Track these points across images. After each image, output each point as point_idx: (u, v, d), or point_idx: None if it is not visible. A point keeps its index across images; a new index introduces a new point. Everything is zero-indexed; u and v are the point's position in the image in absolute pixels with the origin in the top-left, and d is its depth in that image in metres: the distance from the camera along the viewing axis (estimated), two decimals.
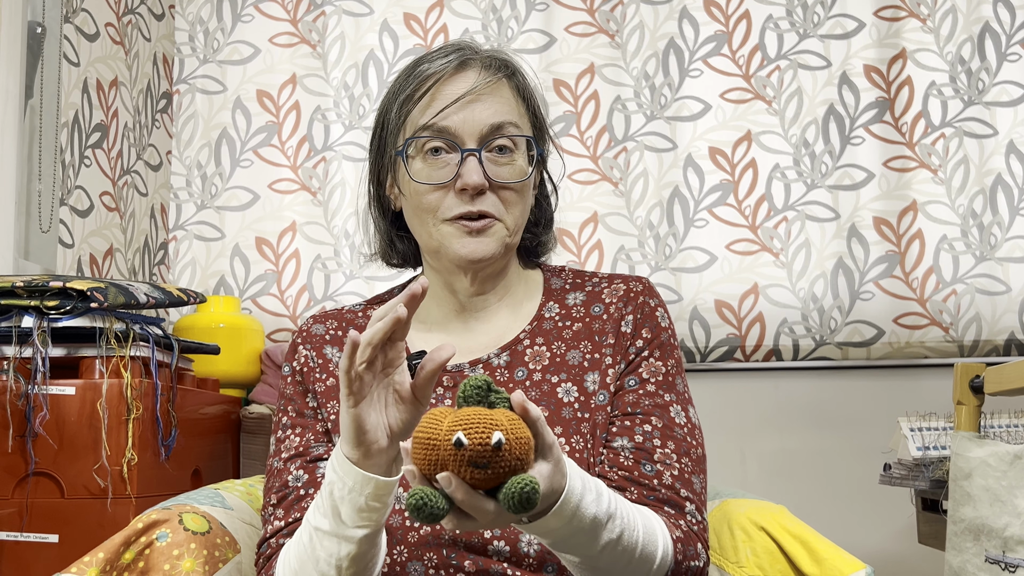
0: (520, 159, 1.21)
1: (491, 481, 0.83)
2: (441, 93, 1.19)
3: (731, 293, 2.54)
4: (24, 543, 1.63)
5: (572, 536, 0.98)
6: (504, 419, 0.83)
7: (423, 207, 1.20)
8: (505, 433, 0.82)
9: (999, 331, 2.47)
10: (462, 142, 1.18)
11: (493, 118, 1.18)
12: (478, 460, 0.81)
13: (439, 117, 1.18)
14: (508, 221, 1.20)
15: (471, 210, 1.17)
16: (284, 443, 1.22)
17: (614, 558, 1.03)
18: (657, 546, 1.07)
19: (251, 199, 2.64)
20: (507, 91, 1.22)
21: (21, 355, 1.65)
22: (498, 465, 0.82)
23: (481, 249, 1.19)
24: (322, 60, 2.67)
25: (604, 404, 1.20)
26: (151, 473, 1.70)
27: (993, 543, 1.57)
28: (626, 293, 1.26)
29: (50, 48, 2.13)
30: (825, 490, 2.47)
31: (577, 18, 2.65)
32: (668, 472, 1.15)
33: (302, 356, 1.26)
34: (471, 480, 0.82)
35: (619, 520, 1.02)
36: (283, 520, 1.17)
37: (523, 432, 0.84)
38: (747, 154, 2.58)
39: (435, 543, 1.14)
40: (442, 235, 1.19)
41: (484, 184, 1.17)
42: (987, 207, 2.51)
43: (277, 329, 2.59)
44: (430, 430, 0.83)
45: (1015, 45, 2.55)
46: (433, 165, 1.19)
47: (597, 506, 0.98)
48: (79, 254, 2.20)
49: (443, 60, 1.21)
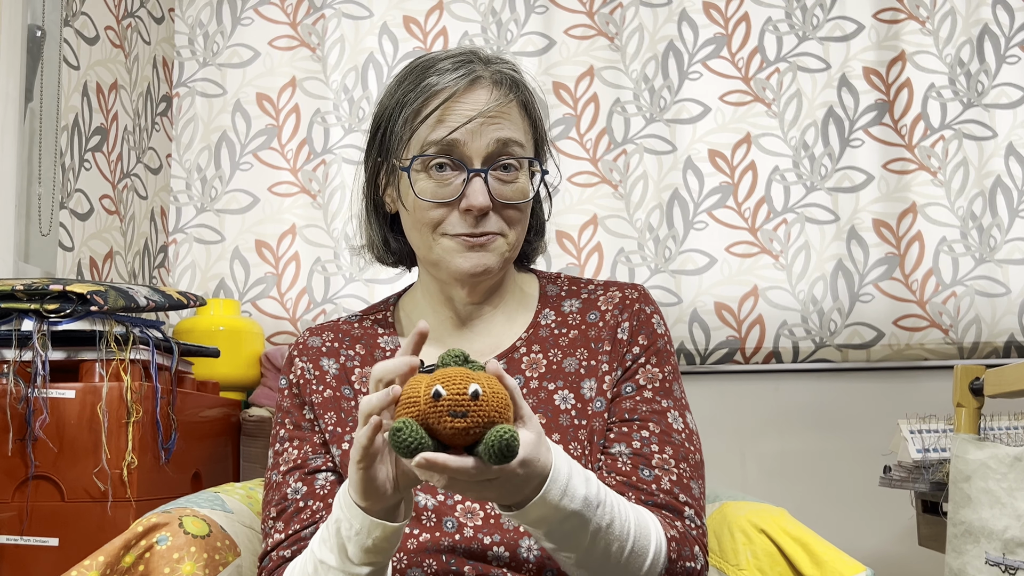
0: (523, 177, 1.21)
1: (470, 434, 0.85)
2: (451, 112, 1.18)
3: (731, 295, 2.54)
4: (24, 547, 1.63)
5: (565, 520, 0.97)
6: (482, 377, 0.86)
7: (424, 222, 1.19)
8: (482, 386, 0.85)
9: (999, 333, 2.47)
10: (469, 162, 1.17)
11: (499, 133, 1.18)
12: (456, 409, 0.84)
13: (449, 137, 1.17)
14: (511, 237, 1.21)
15: (475, 231, 1.18)
16: (282, 456, 1.22)
17: (608, 549, 1.02)
18: (650, 540, 1.07)
19: (251, 202, 2.65)
20: (515, 111, 1.21)
21: (21, 358, 1.65)
22: (476, 414, 0.84)
23: (483, 262, 1.19)
24: (322, 63, 2.67)
25: (601, 411, 1.20)
26: (151, 476, 1.70)
27: (993, 545, 1.57)
28: (622, 300, 1.26)
29: (50, 51, 2.13)
30: (825, 492, 2.47)
31: (576, 21, 2.65)
32: (666, 477, 1.15)
33: (298, 369, 1.26)
34: (450, 430, 0.84)
35: (609, 508, 1.02)
36: (283, 533, 1.17)
37: (500, 389, 0.87)
38: (747, 156, 2.58)
39: (435, 549, 1.14)
40: (443, 249, 1.19)
41: (489, 206, 1.17)
42: (987, 209, 2.51)
43: (277, 332, 2.59)
44: (411, 390, 0.86)
45: (1014, 47, 2.56)
46: (439, 182, 1.18)
47: (586, 488, 0.99)
48: (79, 257, 2.20)
49: (453, 76, 1.19)
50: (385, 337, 1.29)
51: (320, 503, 1.18)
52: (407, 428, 0.84)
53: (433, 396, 0.84)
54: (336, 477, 1.20)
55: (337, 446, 1.20)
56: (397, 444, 0.84)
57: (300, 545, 1.15)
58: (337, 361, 1.26)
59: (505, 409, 0.87)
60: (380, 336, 1.29)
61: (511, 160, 1.19)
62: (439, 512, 1.15)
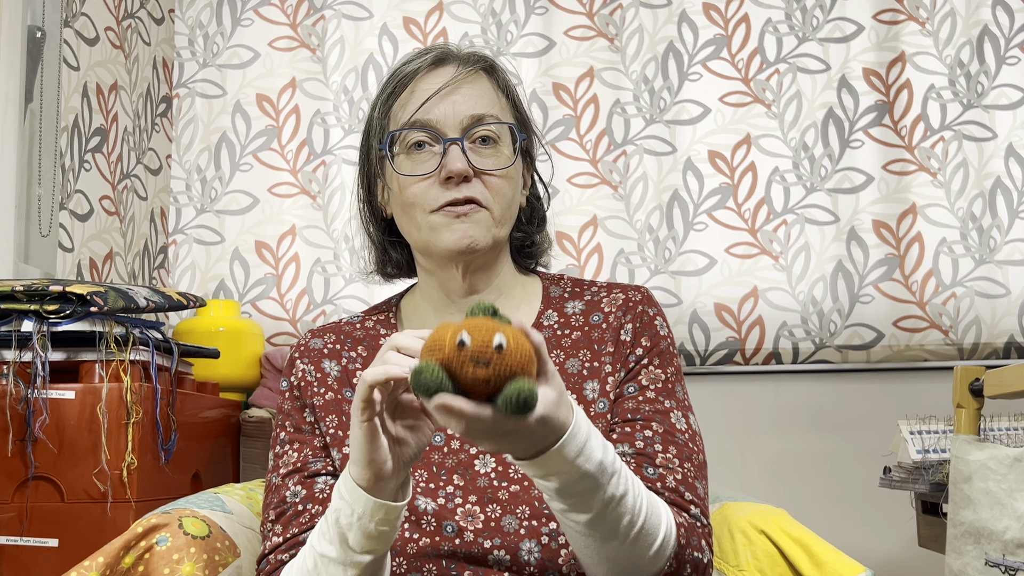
0: (504, 149, 1.21)
1: (492, 384, 0.84)
2: (420, 88, 1.21)
3: (731, 296, 2.54)
4: (24, 547, 1.63)
5: (579, 480, 0.96)
6: (508, 330, 0.86)
7: (410, 201, 1.20)
8: (508, 339, 0.85)
9: (999, 334, 2.47)
10: (444, 133, 1.19)
11: (474, 109, 1.20)
12: (479, 357, 0.84)
13: (420, 111, 1.19)
14: (495, 210, 1.20)
15: (457, 196, 1.18)
16: (282, 459, 1.21)
17: (618, 521, 1.00)
18: (660, 521, 1.06)
19: (251, 203, 2.65)
20: (486, 83, 1.23)
21: (21, 359, 1.65)
22: (499, 365, 0.84)
23: (469, 233, 1.18)
24: (322, 64, 2.67)
25: (604, 412, 1.19)
26: (151, 477, 1.70)
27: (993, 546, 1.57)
28: (625, 302, 1.26)
29: (50, 52, 2.13)
30: (825, 493, 2.47)
31: (576, 22, 2.65)
32: (671, 476, 1.15)
33: (299, 371, 1.25)
34: (472, 378, 0.84)
35: (624, 480, 1.01)
36: (281, 536, 1.16)
37: (525, 344, 0.87)
38: (746, 157, 2.58)
39: (434, 554, 1.13)
40: (431, 226, 1.19)
41: (468, 171, 1.18)
42: (986, 210, 2.51)
43: (277, 333, 2.59)
44: (437, 336, 0.86)
45: (1014, 48, 2.56)
46: (417, 159, 1.20)
47: (604, 453, 0.98)
48: (79, 258, 2.20)
49: (419, 60, 1.24)
50: (387, 338, 1.29)
51: (319, 507, 1.17)
52: (428, 369, 0.84)
53: (458, 344, 0.84)
54: (336, 481, 1.19)
55: (338, 449, 1.20)
56: (418, 384, 0.84)
57: (298, 549, 1.14)
58: (339, 363, 1.26)
59: (528, 364, 0.86)
60: (383, 337, 1.29)
61: (488, 131, 1.20)
62: (439, 516, 1.14)
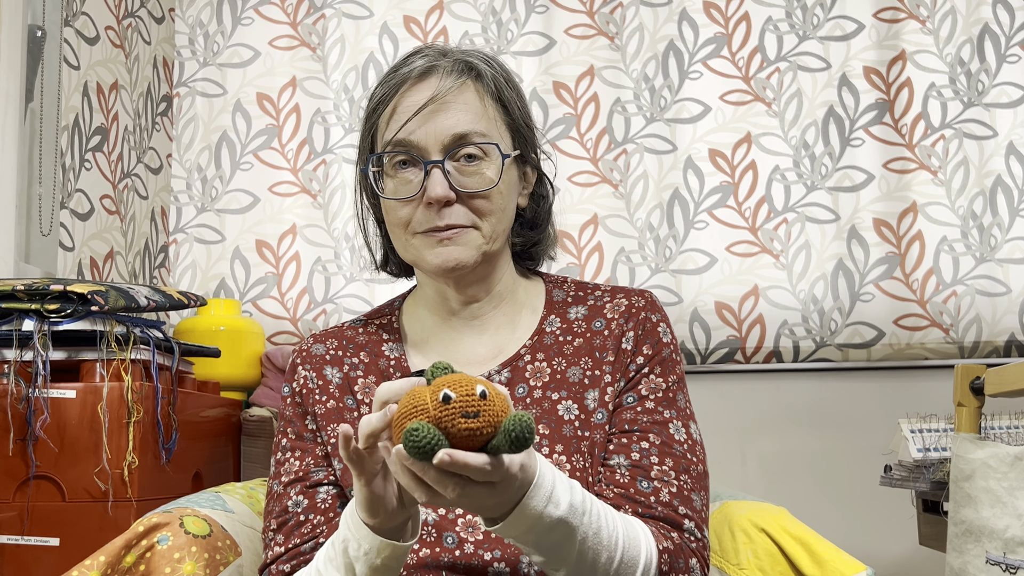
0: (489, 166, 1.16)
1: (482, 434, 0.84)
2: (402, 105, 1.16)
3: (731, 295, 2.54)
4: (25, 547, 1.63)
5: (552, 529, 0.95)
6: (480, 379, 0.87)
7: (395, 222, 1.18)
8: (486, 386, 0.85)
9: (999, 332, 2.47)
10: (426, 154, 1.15)
11: (456, 127, 1.15)
12: (468, 410, 0.84)
13: (402, 132, 1.15)
14: (484, 228, 1.17)
15: (438, 224, 1.15)
16: (284, 466, 1.20)
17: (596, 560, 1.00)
18: (640, 551, 1.04)
19: (251, 202, 2.65)
20: (471, 96, 1.17)
21: (22, 358, 1.65)
22: (488, 413, 0.84)
23: (453, 256, 1.16)
24: (322, 63, 2.67)
25: (602, 423, 1.17)
26: (152, 476, 1.70)
27: (994, 544, 1.57)
28: (628, 308, 1.23)
29: (50, 51, 2.13)
30: (826, 492, 2.47)
31: (577, 20, 2.65)
32: (666, 489, 1.13)
33: (301, 377, 1.24)
34: (465, 431, 0.84)
35: (595, 516, 1.00)
36: (283, 547, 1.16)
37: (498, 389, 0.87)
38: (747, 156, 2.58)
39: (434, 565, 1.12)
40: (415, 248, 1.18)
41: (449, 196, 1.14)
42: (987, 208, 2.51)
43: (278, 332, 2.59)
44: (414, 401, 0.86)
45: (1015, 46, 2.56)
46: (401, 180, 1.17)
47: (571, 494, 0.96)
48: (79, 257, 2.20)
49: (406, 69, 1.18)
50: (389, 344, 1.27)
51: (321, 517, 1.17)
52: (423, 428, 0.83)
53: (442, 400, 0.83)
54: (337, 490, 1.19)
55: (339, 459, 1.19)
56: (415, 445, 0.82)
57: (299, 560, 1.14)
58: (341, 370, 1.24)
59: (508, 406, 0.87)
60: (384, 343, 1.27)
61: (472, 149, 1.16)
62: (439, 527, 1.14)
